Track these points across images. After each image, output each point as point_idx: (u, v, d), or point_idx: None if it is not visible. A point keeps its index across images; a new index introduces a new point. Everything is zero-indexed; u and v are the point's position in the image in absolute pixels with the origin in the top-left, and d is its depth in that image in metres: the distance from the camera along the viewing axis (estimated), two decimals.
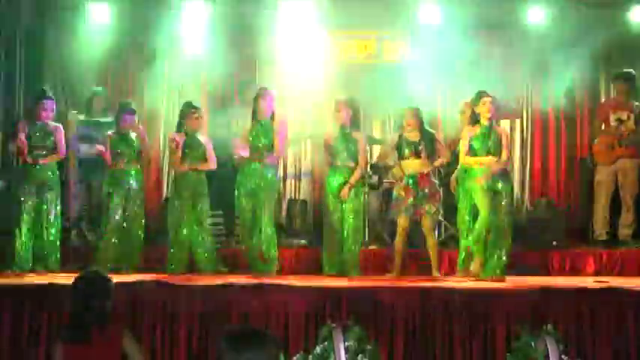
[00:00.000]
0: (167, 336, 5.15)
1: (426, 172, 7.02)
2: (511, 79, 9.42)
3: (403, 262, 7.04)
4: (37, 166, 7.02)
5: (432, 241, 7.00)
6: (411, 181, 6.97)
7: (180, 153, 7.14)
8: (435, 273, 6.94)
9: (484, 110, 6.78)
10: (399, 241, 7.01)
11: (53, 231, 7.04)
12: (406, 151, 7.05)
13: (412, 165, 7.03)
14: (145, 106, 9.14)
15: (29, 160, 7.02)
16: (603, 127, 8.30)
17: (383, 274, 7.10)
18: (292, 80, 9.72)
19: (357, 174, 7.12)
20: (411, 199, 6.92)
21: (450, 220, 8.25)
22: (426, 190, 6.96)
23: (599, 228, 8.11)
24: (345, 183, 7.05)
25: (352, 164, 7.12)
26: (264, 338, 2.90)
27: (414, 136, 7.08)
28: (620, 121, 8.05)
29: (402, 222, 6.97)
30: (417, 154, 7.02)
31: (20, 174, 7.17)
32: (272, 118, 7.12)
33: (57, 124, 7.27)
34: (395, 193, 7.12)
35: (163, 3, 9.41)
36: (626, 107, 8.11)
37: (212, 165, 7.26)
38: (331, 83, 9.45)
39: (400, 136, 7.13)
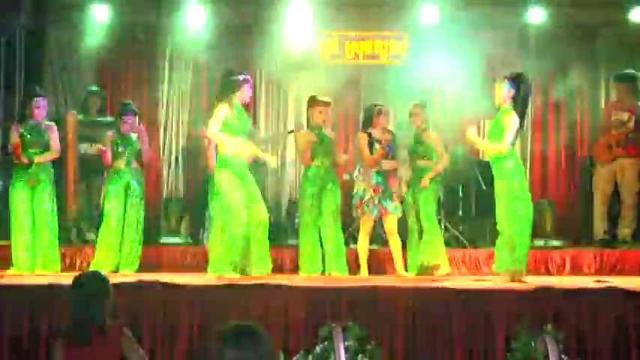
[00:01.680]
0: (167, 336, 5.14)
1: (393, 171, 7.09)
2: None
3: (368, 261, 7.09)
4: (31, 166, 6.99)
5: (395, 240, 7.01)
6: (380, 179, 6.98)
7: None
8: (402, 272, 6.95)
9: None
10: (364, 241, 7.02)
11: (49, 231, 7.01)
12: (376, 150, 7.06)
13: (387, 165, 7.06)
14: (145, 106, 9.15)
15: (24, 159, 6.99)
16: (604, 127, 8.32)
17: (383, 274, 7.11)
18: (291, 81, 9.75)
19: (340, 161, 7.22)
20: (377, 197, 6.92)
21: (450, 220, 8.29)
22: (392, 190, 7.01)
23: (597, 228, 8.12)
24: (321, 188, 7.05)
25: (329, 164, 7.14)
26: (257, 336, 2.90)
27: (382, 135, 7.09)
28: (620, 121, 8.06)
29: (367, 222, 6.99)
30: (387, 154, 7.05)
31: (15, 173, 7.13)
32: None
33: (50, 123, 7.21)
34: (360, 190, 7.05)
35: (163, 3, 9.43)
36: (628, 108, 8.12)
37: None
38: (331, 83, 9.47)
39: (369, 135, 7.10)
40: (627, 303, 5.13)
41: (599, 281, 6.15)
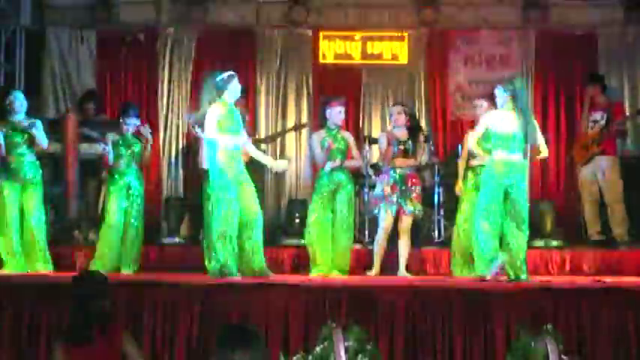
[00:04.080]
0: (167, 336, 5.14)
1: (414, 170, 7.06)
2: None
3: (383, 260, 7.05)
4: (18, 165, 6.84)
5: (406, 240, 6.99)
6: (398, 177, 6.98)
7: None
8: (405, 273, 6.93)
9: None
10: (383, 239, 7.00)
11: (39, 231, 6.90)
12: (395, 149, 7.04)
13: (401, 163, 7.04)
14: (145, 106, 9.16)
15: (10, 159, 6.88)
16: (582, 128, 8.37)
17: (384, 274, 7.11)
18: (291, 81, 9.76)
19: (351, 162, 7.10)
20: (395, 196, 6.91)
21: (450, 220, 8.26)
22: (412, 189, 6.98)
23: (590, 228, 8.13)
24: (336, 187, 7.03)
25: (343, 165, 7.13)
26: (251, 337, 2.91)
27: (402, 134, 7.09)
28: (595, 122, 8.13)
29: (387, 219, 6.97)
30: (405, 152, 7.04)
31: (2, 173, 6.95)
32: None
33: (33, 120, 6.96)
34: (378, 189, 7.04)
35: (164, 3, 9.45)
36: (601, 108, 8.19)
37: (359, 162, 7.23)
38: (331, 83, 9.48)
39: (389, 134, 7.10)
40: (627, 303, 5.13)
41: (599, 281, 6.15)
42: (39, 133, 6.91)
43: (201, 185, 7.34)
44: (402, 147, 7.03)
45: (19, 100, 6.95)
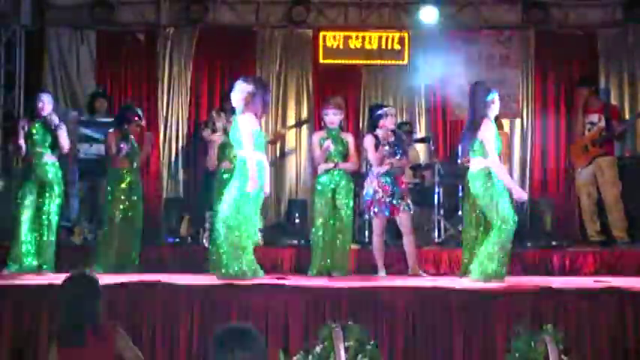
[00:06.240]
0: (167, 336, 5.14)
1: (402, 172, 7.06)
2: (511, 79, 9.46)
3: (385, 260, 7.05)
4: (40, 165, 6.92)
5: (410, 239, 6.99)
6: (388, 179, 6.97)
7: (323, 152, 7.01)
8: (417, 270, 6.93)
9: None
10: (379, 241, 7.00)
11: (51, 231, 6.93)
12: (385, 151, 7.05)
13: (396, 163, 7.04)
14: (145, 106, 9.16)
15: (31, 159, 6.93)
16: (578, 131, 8.37)
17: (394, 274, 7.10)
18: (291, 81, 9.76)
19: (346, 165, 7.08)
20: (387, 198, 6.91)
21: (450, 220, 8.28)
22: (403, 189, 7.00)
23: (589, 230, 8.14)
24: (336, 188, 7.02)
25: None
26: (249, 337, 2.90)
27: (388, 136, 7.10)
28: (592, 124, 8.14)
29: (380, 221, 6.98)
30: (394, 154, 7.05)
31: (22, 173, 7.07)
32: None
33: (59, 122, 7.03)
34: (370, 191, 7.03)
35: (163, 3, 9.46)
36: (596, 110, 8.19)
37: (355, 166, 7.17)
38: (331, 83, 9.49)
39: (376, 137, 7.09)
40: (626, 303, 5.14)
41: (598, 281, 6.15)
42: (62, 134, 6.94)
43: (205, 185, 7.37)
44: (392, 149, 7.06)
45: (44, 102, 6.95)
